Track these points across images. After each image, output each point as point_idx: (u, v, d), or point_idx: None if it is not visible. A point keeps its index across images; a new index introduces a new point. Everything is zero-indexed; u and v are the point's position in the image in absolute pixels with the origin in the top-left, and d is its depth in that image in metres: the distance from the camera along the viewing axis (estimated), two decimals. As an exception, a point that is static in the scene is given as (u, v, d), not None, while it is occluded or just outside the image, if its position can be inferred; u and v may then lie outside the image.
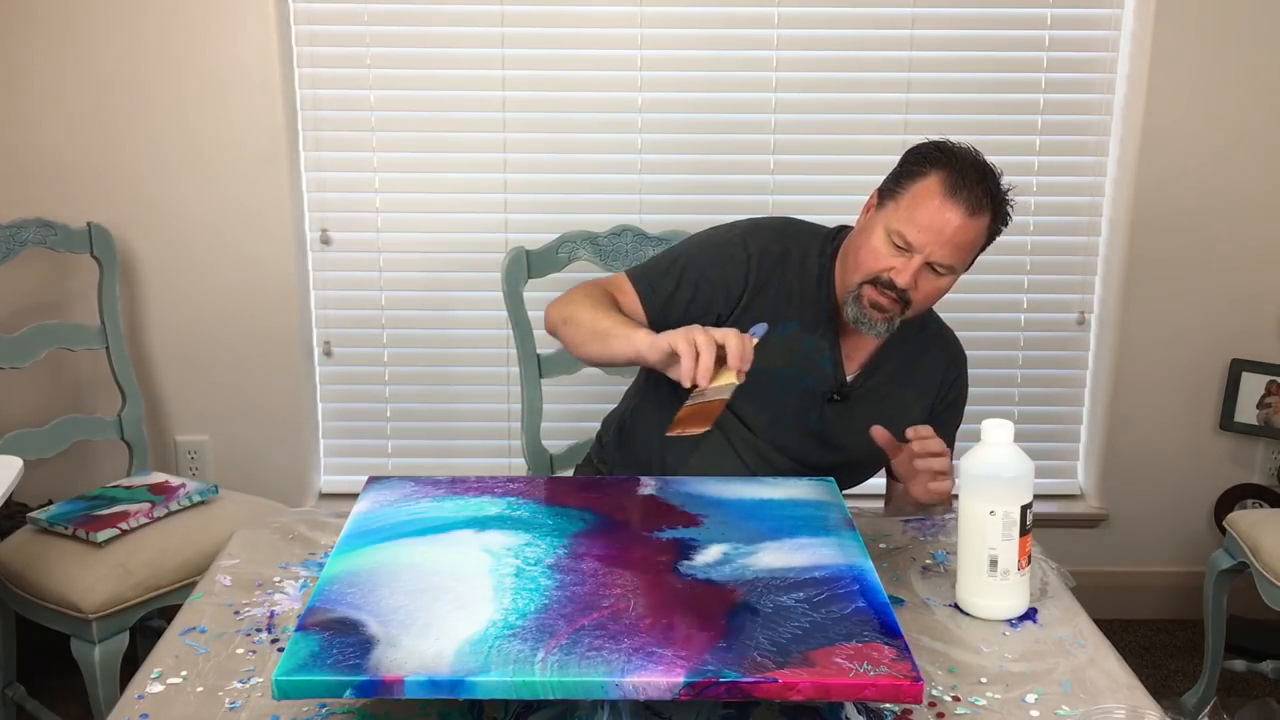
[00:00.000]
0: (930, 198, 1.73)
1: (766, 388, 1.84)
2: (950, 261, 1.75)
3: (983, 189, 1.73)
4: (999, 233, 1.80)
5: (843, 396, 1.88)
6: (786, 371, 1.85)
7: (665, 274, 1.87)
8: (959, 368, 1.98)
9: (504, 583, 1.33)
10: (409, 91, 2.75)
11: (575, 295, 1.84)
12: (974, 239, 1.75)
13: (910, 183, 1.75)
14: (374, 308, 2.86)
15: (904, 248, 1.74)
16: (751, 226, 1.92)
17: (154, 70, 2.66)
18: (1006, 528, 1.44)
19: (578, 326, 1.78)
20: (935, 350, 1.96)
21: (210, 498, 2.41)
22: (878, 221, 1.78)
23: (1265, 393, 2.83)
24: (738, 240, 1.88)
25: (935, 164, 1.74)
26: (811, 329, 1.86)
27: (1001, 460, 1.45)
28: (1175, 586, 2.99)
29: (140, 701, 1.29)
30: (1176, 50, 2.68)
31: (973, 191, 1.72)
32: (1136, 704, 1.30)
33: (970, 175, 1.73)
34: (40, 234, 2.52)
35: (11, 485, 1.89)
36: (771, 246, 1.87)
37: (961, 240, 1.73)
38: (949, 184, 1.72)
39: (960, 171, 1.73)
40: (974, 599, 1.48)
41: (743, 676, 1.15)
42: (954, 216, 1.71)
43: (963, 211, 1.71)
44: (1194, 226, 2.79)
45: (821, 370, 1.87)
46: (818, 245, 1.90)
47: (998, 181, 1.77)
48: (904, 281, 1.74)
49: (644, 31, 2.72)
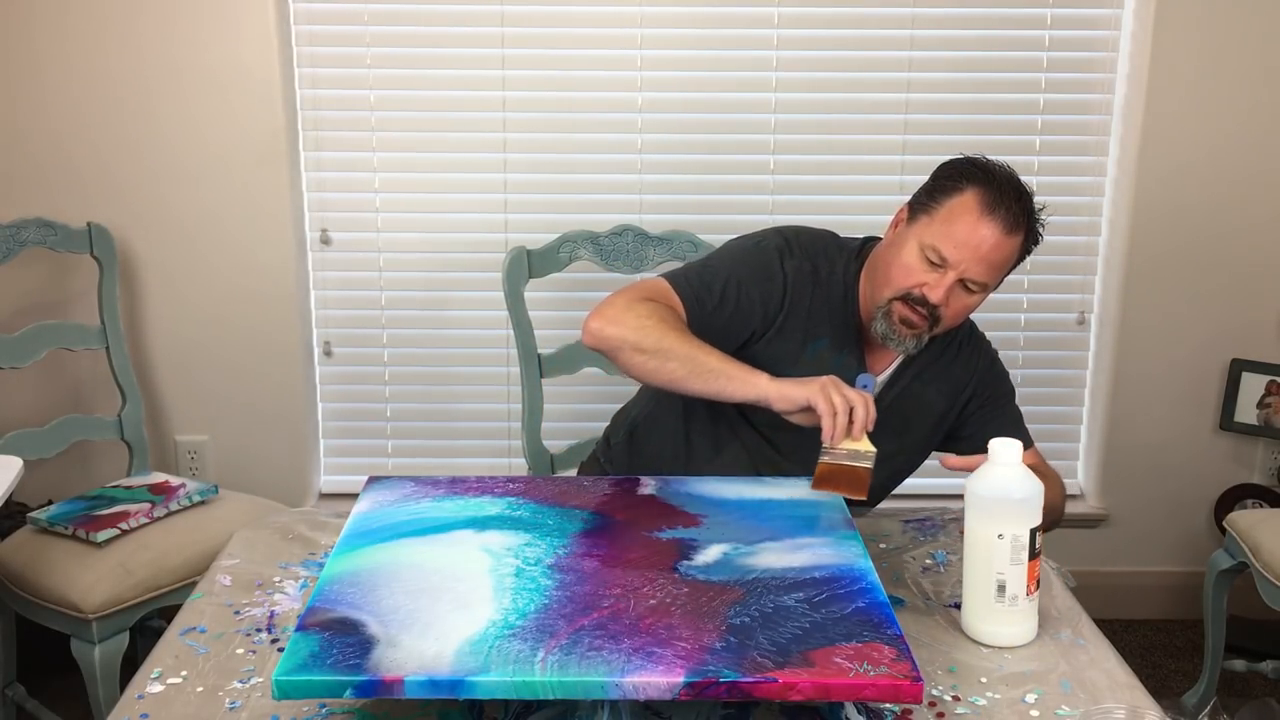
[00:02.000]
0: (967, 213, 1.70)
1: None
2: (984, 279, 1.72)
3: (1020, 207, 1.71)
4: (1029, 252, 1.77)
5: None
6: None
7: (709, 287, 1.81)
8: (985, 362, 1.93)
9: (504, 583, 1.33)
10: (409, 91, 2.75)
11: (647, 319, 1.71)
12: (1008, 257, 1.73)
13: (946, 198, 1.72)
14: (374, 308, 2.86)
15: (938, 263, 1.71)
16: (784, 243, 1.86)
17: (154, 70, 2.66)
18: (1015, 551, 1.40)
19: (665, 359, 1.68)
20: (960, 350, 1.91)
21: (210, 498, 2.41)
22: (910, 236, 1.74)
23: (1265, 393, 2.83)
24: (774, 257, 1.84)
25: (972, 180, 1.72)
26: (840, 346, 1.84)
27: (1010, 481, 1.41)
28: (1175, 586, 2.99)
29: (140, 701, 1.29)
30: (1176, 50, 2.68)
31: (1010, 209, 1.69)
32: (1136, 704, 1.30)
33: (1009, 193, 1.70)
34: (40, 234, 2.52)
35: (11, 485, 1.89)
36: (804, 265, 1.84)
37: (996, 258, 1.71)
38: (987, 200, 1.69)
39: (998, 188, 1.70)
40: (981, 625, 1.44)
41: (743, 676, 1.16)
42: (990, 233, 1.69)
43: (1000, 229, 1.69)
44: (1194, 226, 2.79)
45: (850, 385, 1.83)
46: (844, 260, 1.87)
47: (1031, 201, 1.74)
48: (937, 297, 1.71)
49: (644, 31, 2.72)
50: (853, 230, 1.96)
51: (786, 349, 1.82)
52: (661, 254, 2.43)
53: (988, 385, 1.92)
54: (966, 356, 1.91)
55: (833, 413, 1.56)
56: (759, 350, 1.80)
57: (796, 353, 1.82)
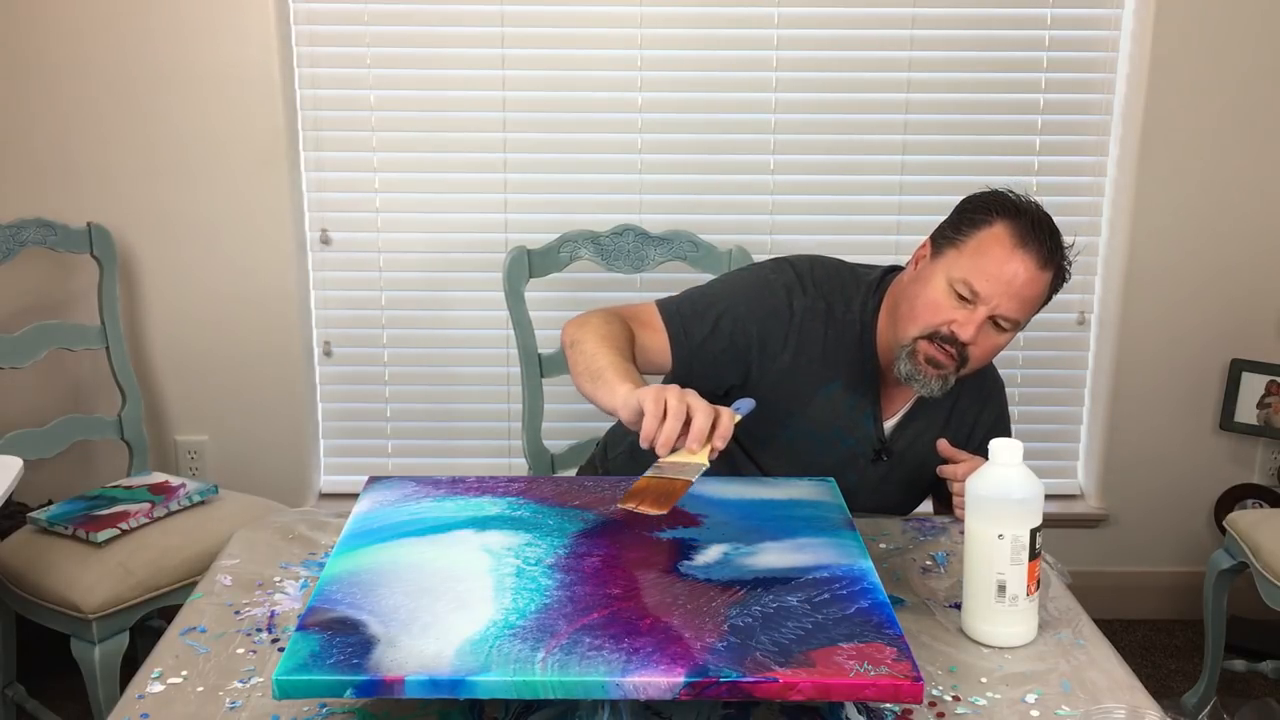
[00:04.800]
0: (998, 246, 1.62)
1: (807, 450, 1.77)
2: (1015, 315, 1.64)
3: (1052, 243, 1.64)
4: (1057, 291, 1.70)
5: (887, 454, 1.79)
6: (829, 434, 1.77)
7: (700, 318, 1.73)
8: (998, 409, 1.87)
9: (504, 582, 1.33)
10: (409, 91, 2.75)
11: (592, 320, 1.67)
12: (1039, 294, 1.65)
13: (974, 230, 1.65)
14: (374, 308, 2.86)
15: (968, 298, 1.63)
16: (796, 280, 1.77)
17: (154, 70, 2.66)
18: (1015, 552, 1.39)
19: (579, 355, 1.62)
20: (973, 389, 1.82)
21: (210, 498, 2.41)
22: (937, 270, 1.66)
23: (1265, 393, 2.83)
24: (780, 294, 1.75)
25: (1002, 213, 1.64)
26: (854, 388, 1.76)
27: (1011, 481, 1.41)
28: (1175, 586, 2.99)
29: (140, 701, 1.29)
30: (1176, 50, 2.68)
31: (1043, 244, 1.62)
32: (1136, 704, 1.30)
33: (1040, 227, 1.63)
34: (40, 234, 2.52)
35: (11, 485, 1.89)
36: (816, 305, 1.75)
37: (1029, 294, 1.64)
38: (1019, 234, 1.62)
39: (1030, 222, 1.63)
40: (981, 626, 1.43)
41: (743, 676, 1.15)
42: (1023, 269, 1.61)
43: (1033, 264, 1.62)
44: (1194, 226, 2.79)
45: (864, 430, 1.78)
46: (860, 296, 1.78)
47: (1061, 239, 1.67)
48: (967, 335, 1.63)
49: (644, 31, 2.72)
50: (853, 231, 1.95)
51: (796, 391, 1.75)
52: (662, 254, 2.44)
53: (993, 431, 1.84)
54: (979, 398, 1.84)
55: (658, 415, 1.38)
56: (764, 392, 1.69)
57: (809, 395, 1.76)
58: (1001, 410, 1.89)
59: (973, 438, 1.84)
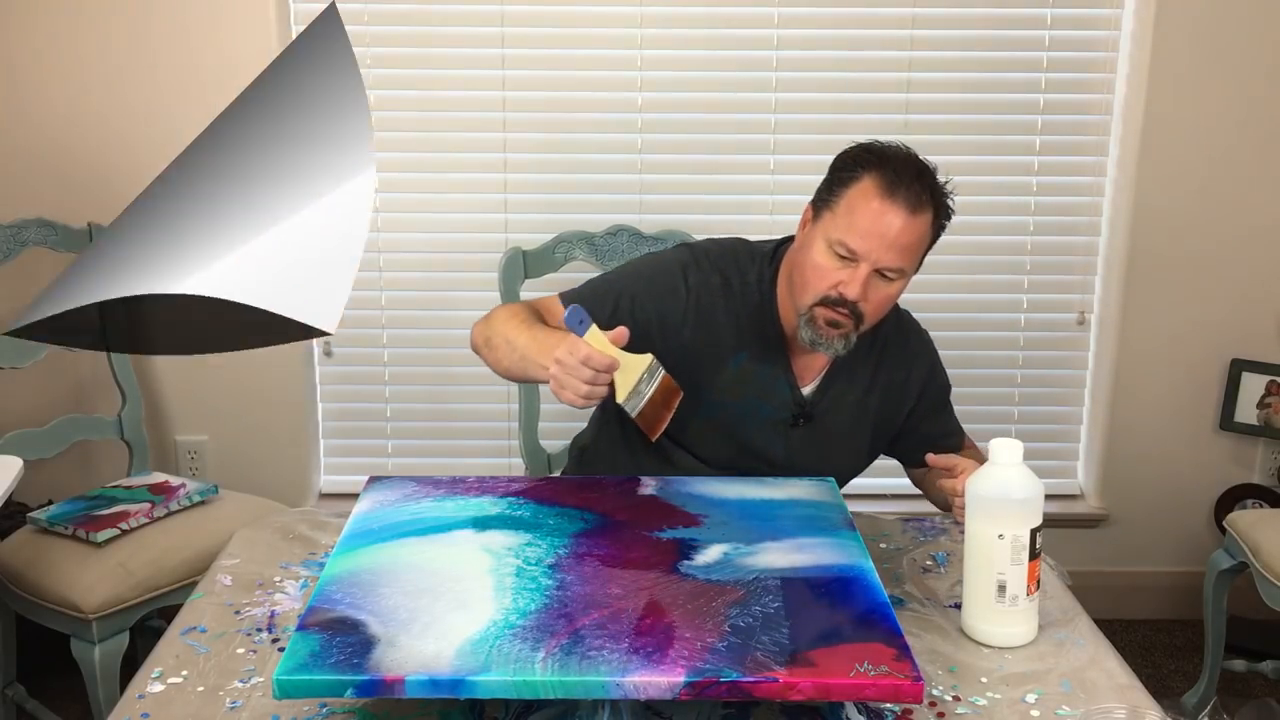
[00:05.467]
0: (867, 201, 1.65)
1: (725, 423, 1.80)
2: (898, 264, 1.67)
3: (921, 185, 1.66)
4: (944, 229, 1.73)
5: (806, 418, 1.82)
6: (744, 404, 1.80)
7: (601, 301, 1.77)
8: (928, 365, 1.90)
9: (504, 582, 1.33)
10: (409, 91, 2.75)
11: (496, 314, 1.76)
12: (919, 238, 1.68)
13: (844, 189, 1.68)
14: (374, 308, 2.86)
15: (848, 257, 1.66)
16: (691, 258, 1.83)
17: (155, 70, 2.66)
18: (1015, 552, 1.40)
19: (495, 351, 1.71)
20: (893, 350, 1.86)
21: (210, 498, 2.41)
22: (817, 234, 1.70)
23: (1265, 393, 2.83)
24: (676, 272, 1.80)
25: (867, 166, 1.67)
26: (762, 356, 1.79)
27: (1011, 481, 1.41)
28: (1175, 586, 2.99)
29: (141, 701, 1.29)
30: (1176, 50, 2.68)
31: (910, 189, 1.64)
32: (1136, 704, 1.30)
33: (906, 173, 1.66)
34: (40, 234, 2.52)
35: (11, 485, 1.89)
36: (711, 279, 1.80)
37: (906, 241, 1.66)
38: (885, 184, 1.65)
39: (895, 170, 1.66)
40: (981, 626, 1.43)
41: (743, 676, 1.16)
42: (895, 218, 1.64)
43: (903, 211, 1.64)
44: (1194, 226, 2.79)
45: (780, 396, 1.80)
46: (755, 268, 1.82)
47: (935, 176, 1.70)
48: (854, 294, 1.66)
49: (644, 31, 2.72)
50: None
51: (704, 365, 1.78)
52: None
53: (930, 394, 1.89)
54: (904, 360, 1.87)
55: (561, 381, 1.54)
56: (676, 370, 1.70)
57: (717, 368, 1.79)
58: (932, 365, 1.91)
59: (906, 399, 1.88)
